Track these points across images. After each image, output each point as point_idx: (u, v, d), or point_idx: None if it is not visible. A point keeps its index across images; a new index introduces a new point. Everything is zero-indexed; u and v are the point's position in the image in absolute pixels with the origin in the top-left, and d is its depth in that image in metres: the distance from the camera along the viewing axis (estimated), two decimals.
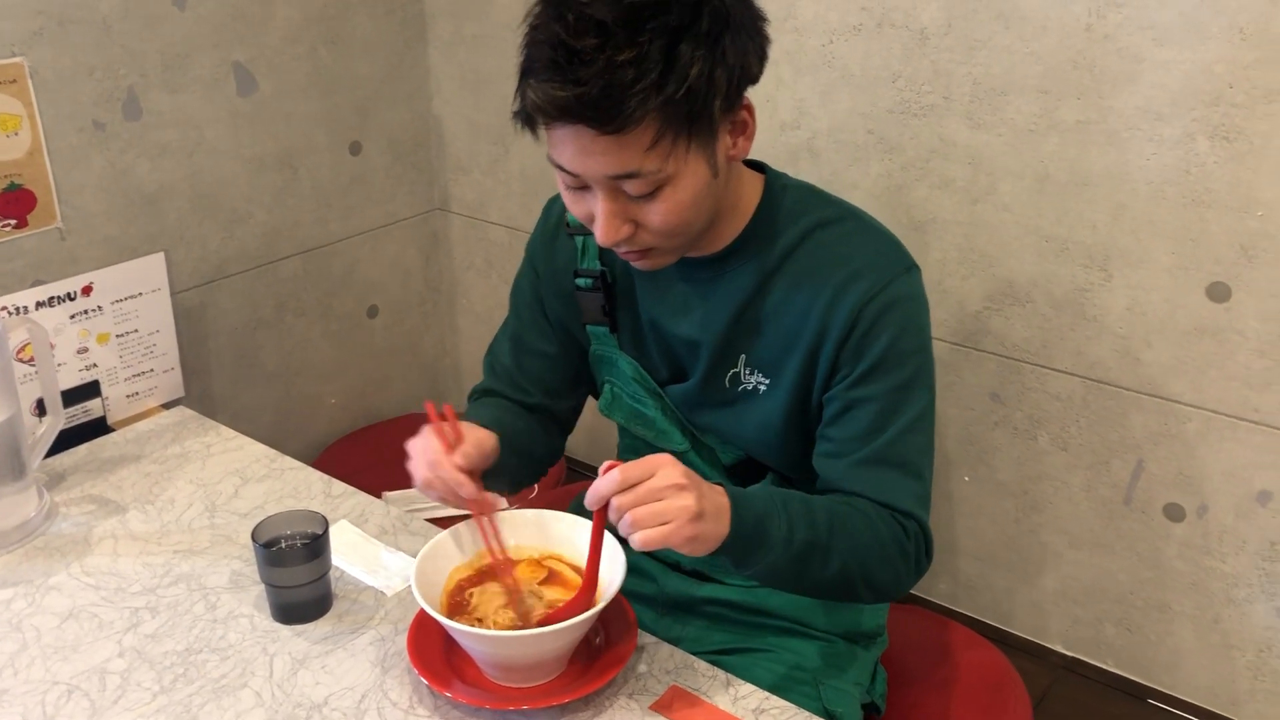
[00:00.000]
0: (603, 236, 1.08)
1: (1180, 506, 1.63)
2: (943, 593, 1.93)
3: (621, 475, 0.99)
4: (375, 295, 2.26)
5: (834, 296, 1.15)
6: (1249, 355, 1.51)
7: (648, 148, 1.01)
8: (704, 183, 1.08)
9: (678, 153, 1.04)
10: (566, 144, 1.04)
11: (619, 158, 1.02)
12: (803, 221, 1.19)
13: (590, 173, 1.04)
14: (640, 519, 0.99)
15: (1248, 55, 1.39)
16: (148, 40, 1.75)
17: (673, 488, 0.99)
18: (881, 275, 1.14)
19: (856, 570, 1.13)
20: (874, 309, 1.13)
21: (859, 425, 1.16)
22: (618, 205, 1.07)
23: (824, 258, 1.17)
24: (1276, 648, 1.62)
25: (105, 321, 1.67)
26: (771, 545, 1.07)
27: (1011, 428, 1.75)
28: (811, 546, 1.09)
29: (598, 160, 1.03)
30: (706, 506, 1.01)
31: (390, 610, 1.25)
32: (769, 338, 1.20)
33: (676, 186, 1.06)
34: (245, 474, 1.52)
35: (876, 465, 1.16)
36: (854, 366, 1.15)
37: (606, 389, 1.34)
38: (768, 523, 1.07)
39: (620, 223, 1.08)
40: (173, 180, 1.84)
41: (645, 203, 1.07)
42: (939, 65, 1.62)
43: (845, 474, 1.17)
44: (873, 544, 1.13)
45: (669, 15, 0.99)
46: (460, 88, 2.20)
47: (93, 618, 1.24)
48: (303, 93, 2.00)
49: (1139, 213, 1.53)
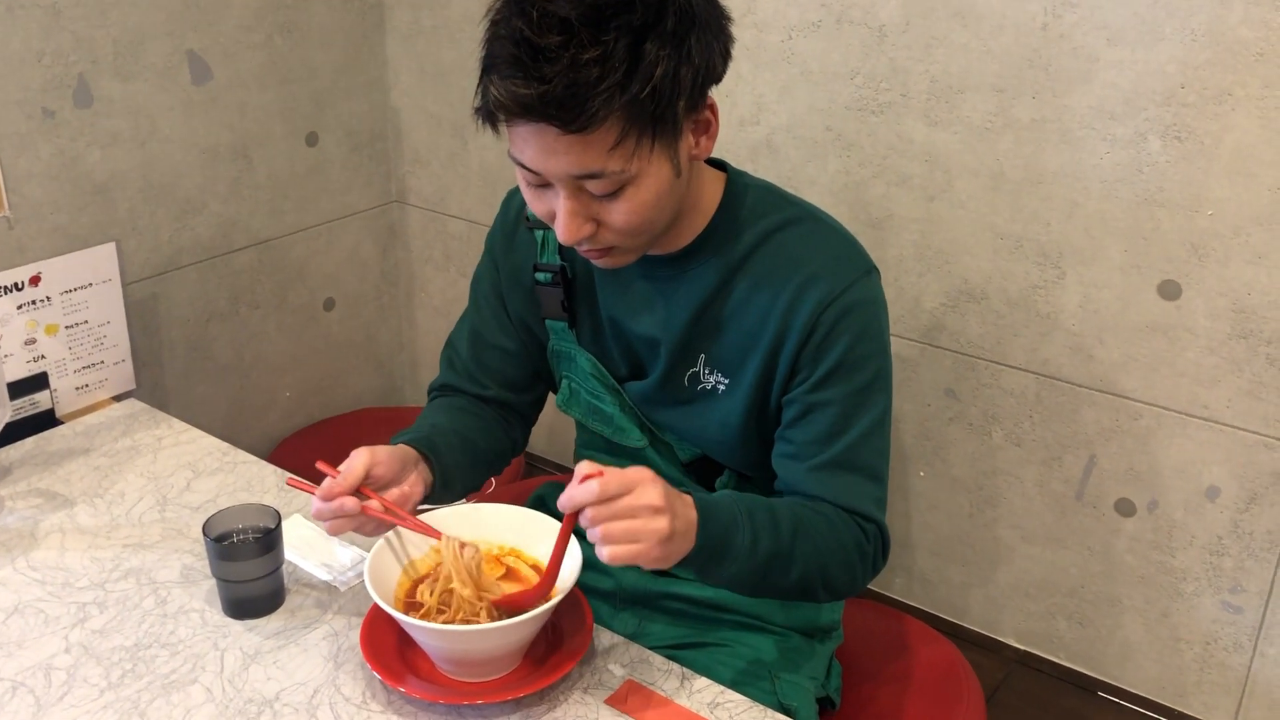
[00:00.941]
0: (564, 235, 1.07)
1: (1131, 502, 1.66)
2: (898, 587, 1.94)
3: (600, 488, 0.97)
4: (331, 288, 2.23)
5: (794, 298, 1.15)
6: (1199, 352, 1.53)
7: (611, 147, 1.00)
8: (667, 182, 1.07)
9: (641, 152, 1.02)
10: (529, 142, 1.02)
11: (582, 157, 1.01)
12: (764, 222, 1.18)
13: (552, 171, 1.03)
14: (612, 534, 0.98)
15: (1199, 56, 1.41)
16: (99, 26, 1.72)
17: (649, 508, 0.98)
18: (841, 279, 1.14)
19: (816, 575, 1.14)
20: (833, 312, 1.13)
21: (818, 428, 1.16)
22: (579, 204, 1.06)
23: (784, 259, 1.16)
24: (1223, 640, 1.64)
25: (54, 312, 1.64)
26: (735, 556, 1.07)
27: (966, 424, 1.77)
28: (774, 556, 1.10)
29: (560, 159, 1.02)
30: (678, 526, 1.00)
31: (343, 605, 1.24)
32: (729, 337, 1.20)
33: (639, 186, 1.05)
34: (197, 467, 1.50)
35: (837, 469, 1.16)
36: (813, 369, 1.15)
37: (565, 384, 1.34)
38: (733, 534, 1.07)
39: (582, 221, 1.07)
40: (124, 169, 1.81)
41: (607, 202, 1.06)
42: (897, 63, 1.63)
43: (806, 477, 1.17)
44: (834, 548, 1.14)
45: (634, 13, 0.98)
46: (419, 79, 2.19)
47: (39, 613, 1.22)
48: (258, 82, 1.98)
49: (1092, 211, 1.55)
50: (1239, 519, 1.58)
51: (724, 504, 1.08)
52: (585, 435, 1.37)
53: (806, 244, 1.17)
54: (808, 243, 1.17)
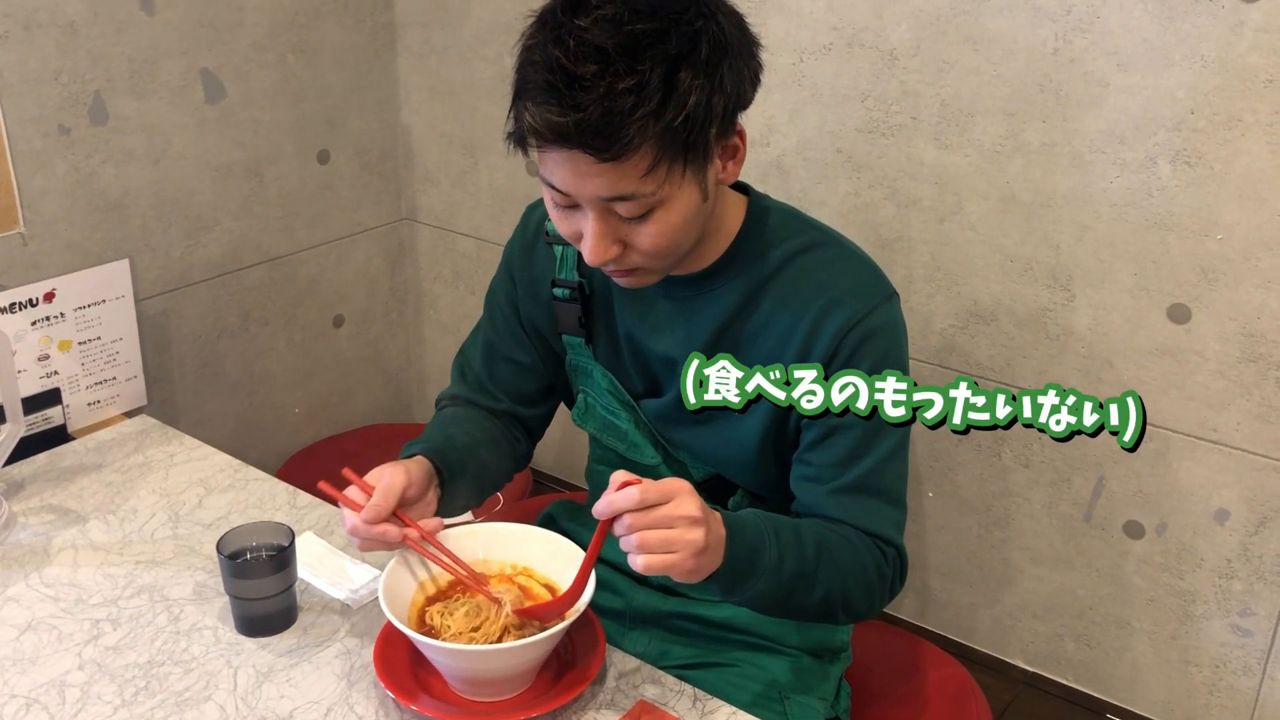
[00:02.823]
0: (591, 256, 1.08)
1: (1140, 524, 1.66)
2: (906, 608, 1.94)
3: (640, 495, 0.98)
4: (341, 305, 2.24)
5: (816, 321, 1.15)
6: (1208, 376, 1.54)
7: (644, 174, 1.01)
8: (695, 206, 1.08)
9: (673, 178, 1.04)
10: (561, 166, 1.03)
11: (614, 181, 1.02)
12: (786, 245, 1.19)
13: (584, 194, 1.04)
14: (649, 543, 0.98)
15: (1209, 82, 1.42)
16: (115, 45, 1.73)
17: (686, 519, 0.99)
18: (864, 303, 1.15)
19: (838, 596, 1.14)
20: (855, 336, 1.14)
21: (839, 451, 1.16)
22: (608, 226, 1.07)
23: (807, 283, 1.17)
24: (1232, 664, 1.64)
25: (67, 328, 1.65)
26: (761, 574, 1.08)
27: (975, 445, 1.77)
28: (799, 576, 1.11)
29: (592, 183, 1.03)
30: (711, 540, 1.01)
31: (356, 623, 1.24)
32: (749, 359, 1.20)
33: (669, 209, 1.06)
34: (209, 484, 1.51)
35: (857, 493, 1.17)
36: None
37: (580, 398, 1.34)
38: (759, 553, 1.08)
39: (610, 244, 1.07)
40: (138, 186, 1.82)
41: (636, 224, 1.07)
42: (907, 86, 1.64)
43: (826, 500, 1.18)
44: (855, 572, 1.15)
45: (669, 43, 0.99)
46: (429, 98, 2.20)
47: (52, 629, 1.22)
48: (270, 101, 1.99)
49: (1101, 234, 1.56)
50: (1248, 542, 1.58)
51: (751, 522, 1.09)
52: (599, 451, 1.37)
53: (830, 268, 1.18)
54: (831, 267, 1.18)
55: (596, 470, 1.38)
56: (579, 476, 2.30)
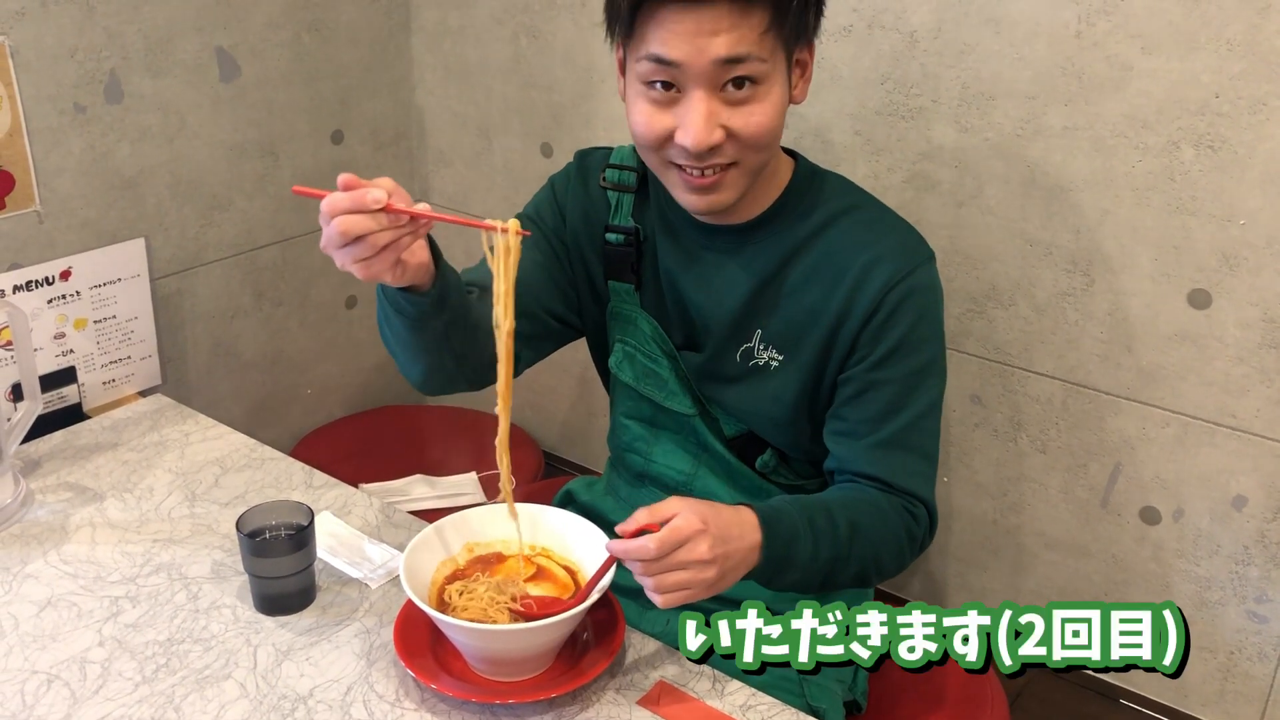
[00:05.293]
0: (696, 137, 1.09)
1: (1156, 510, 1.65)
2: (923, 592, 1.94)
3: (657, 548, 1.00)
4: (354, 286, 2.24)
5: (860, 278, 1.18)
6: (1228, 362, 1.53)
7: (762, 31, 1.07)
8: (784, 101, 1.13)
9: (777, 53, 1.10)
10: (679, 25, 1.06)
11: (737, 39, 1.06)
12: (830, 205, 1.23)
13: (701, 57, 1.07)
14: (665, 585, 1.02)
15: (1234, 66, 1.41)
16: (130, 22, 1.73)
17: (698, 562, 1.02)
18: (906, 262, 1.19)
19: (871, 568, 1.18)
20: (898, 294, 1.17)
21: (875, 407, 1.19)
22: (714, 107, 1.09)
23: (850, 241, 1.20)
24: (1247, 650, 1.64)
25: (83, 307, 1.65)
26: (799, 565, 1.11)
27: (992, 429, 1.77)
28: (835, 560, 1.14)
29: (715, 41, 1.06)
30: (728, 569, 1.04)
31: (375, 603, 1.24)
32: (788, 314, 1.22)
33: (769, 89, 1.11)
34: (225, 463, 1.51)
35: (892, 449, 1.19)
36: (873, 349, 1.18)
37: (618, 348, 1.34)
38: (795, 546, 1.10)
39: (714, 125, 1.10)
40: (153, 165, 1.81)
41: (739, 108, 1.10)
42: (928, 68, 1.63)
43: (861, 455, 1.20)
44: (887, 539, 1.18)
45: None
46: (444, 79, 2.19)
47: (71, 606, 1.22)
48: (285, 80, 1.98)
49: (1122, 219, 1.55)
50: (1266, 529, 1.57)
51: (786, 516, 1.10)
52: (630, 403, 1.37)
53: (873, 228, 1.21)
54: (874, 227, 1.21)
55: (624, 424, 1.38)
56: (588, 459, 2.30)
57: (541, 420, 2.34)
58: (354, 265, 1.02)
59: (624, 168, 1.30)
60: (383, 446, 2.20)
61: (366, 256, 1.01)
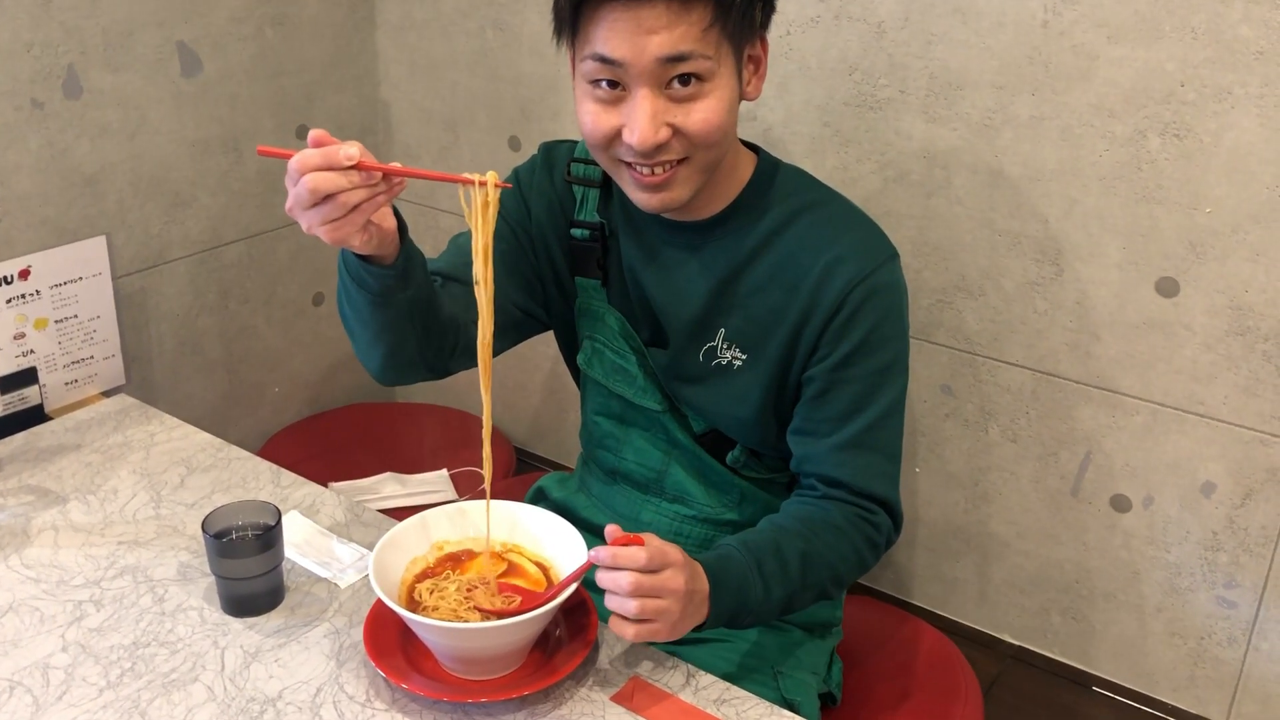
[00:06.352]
0: (642, 137, 1.08)
1: (1127, 498, 1.66)
2: (895, 583, 1.94)
3: (647, 559, 1.00)
4: (321, 283, 2.22)
5: (821, 278, 1.17)
6: (1195, 349, 1.54)
7: (704, 28, 1.05)
8: (733, 98, 1.12)
9: (723, 50, 1.08)
10: (620, 24, 1.05)
11: (678, 37, 1.05)
12: (792, 200, 1.22)
13: (643, 58, 1.05)
14: (646, 610, 1.01)
15: (1199, 54, 1.42)
16: (89, 16, 1.70)
17: (674, 593, 1.01)
18: (868, 261, 1.17)
19: (830, 586, 1.18)
20: (860, 292, 1.16)
21: (838, 406, 1.18)
22: (659, 105, 1.08)
23: (812, 240, 1.19)
24: (1217, 635, 1.65)
25: (43, 306, 1.62)
26: (751, 610, 1.11)
27: (962, 419, 1.77)
28: (788, 596, 1.14)
29: (655, 40, 1.05)
30: (690, 612, 1.04)
31: (344, 603, 1.23)
32: (750, 313, 1.21)
33: (716, 90, 1.09)
34: (190, 464, 1.49)
35: (855, 450, 1.19)
36: (835, 347, 1.17)
37: (586, 345, 1.33)
38: (745, 594, 1.10)
39: (660, 124, 1.09)
40: (114, 161, 1.78)
41: (685, 105, 1.09)
42: (895, 58, 1.63)
43: (825, 456, 1.20)
44: (845, 555, 1.18)
45: None
46: (409, 73, 2.17)
47: (34, 611, 1.20)
48: (248, 74, 1.96)
49: (1090, 208, 1.55)
50: (1234, 514, 1.58)
51: (734, 565, 1.10)
52: (600, 399, 1.36)
53: (835, 225, 1.20)
54: (835, 225, 1.20)
55: (595, 421, 1.37)
56: (560, 453, 2.29)
57: (513, 416, 2.32)
58: (322, 227, 1.00)
59: (589, 162, 1.28)
60: (352, 444, 2.18)
61: (336, 217, 0.99)
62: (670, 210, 1.17)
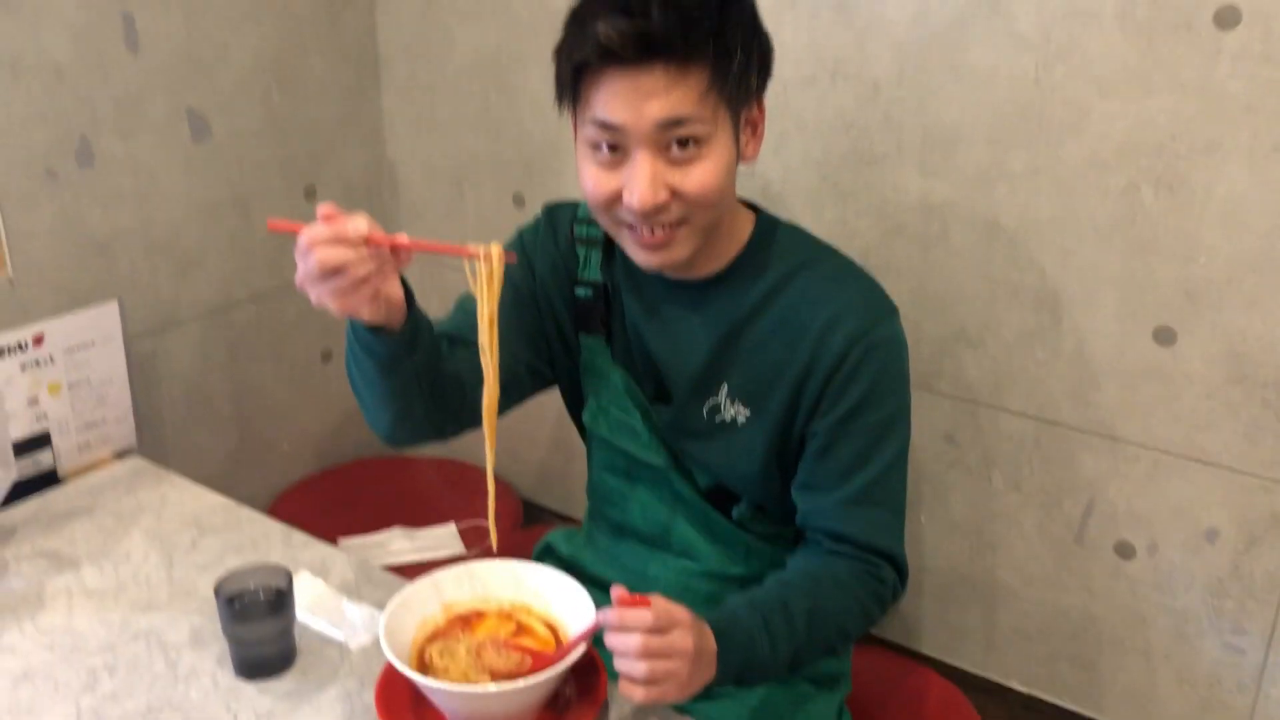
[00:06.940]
0: (641, 199, 1.11)
1: (1131, 544, 1.67)
2: (902, 632, 1.94)
3: (654, 619, 1.01)
4: (329, 340, 2.24)
5: (821, 335, 1.19)
6: (1195, 397, 1.55)
7: (701, 93, 1.08)
8: (730, 160, 1.14)
9: (720, 114, 1.10)
10: (619, 89, 1.08)
11: (676, 101, 1.07)
12: (791, 258, 1.24)
13: (644, 119, 1.08)
14: (655, 674, 1.01)
15: (1188, 108, 1.44)
16: (100, 86, 1.73)
17: (682, 654, 1.02)
18: (868, 317, 1.20)
19: (837, 640, 1.19)
20: (861, 348, 1.18)
21: (841, 461, 1.20)
22: (658, 168, 1.11)
23: (812, 297, 1.22)
24: (1226, 682, 1.65)
25: (57, 371, 1.64)
26: (759, 667, 1.12)
27: (965, 468, 1.78)
28: (796, 652, 1.15)
29: (654, 104, 1.07)
30: (696, 674, 1.04)
31: (355, 664, 1.24)
32: (752, 369, 1.23)
33: (713, 153, 1.11)
34: (202, 525, 1.50)
35: (859, 505, 1.20)
36: (837, 403, 1.19)
37: (591, 402, 1.35)
38: (752, 652, 1.11)
39: (659, 186, 1.11)
40: (126, 227, 1.82)
41: (683, 168, 1.11)
42: (891, 115, 1.65)
43: (829, 512, 1.22)
44: (852, 610, 1.20)
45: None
46: (415, 132, 2.21)
47: (48, 679, 1.21)
48: (256, 137, 1.99)
49: (1086, 259, 1.57)
50: (1239, 561, 1.59)
51: (740, 624, 1.11)
52: (605, 455, 1.38)
53: (834, 282, 1.23)
54: (836, 281, 1.23)
55: (601, 477, 1.39)
56: (567, 504, 2.30)
57: (519, 467, 2.34)
58: (332, 300, 1.03)
59: (591, 222, 1.31)
60: (361, 500, 2.19)
61: (345, 289, 1.02)
62: (671, 269, 1.20)
